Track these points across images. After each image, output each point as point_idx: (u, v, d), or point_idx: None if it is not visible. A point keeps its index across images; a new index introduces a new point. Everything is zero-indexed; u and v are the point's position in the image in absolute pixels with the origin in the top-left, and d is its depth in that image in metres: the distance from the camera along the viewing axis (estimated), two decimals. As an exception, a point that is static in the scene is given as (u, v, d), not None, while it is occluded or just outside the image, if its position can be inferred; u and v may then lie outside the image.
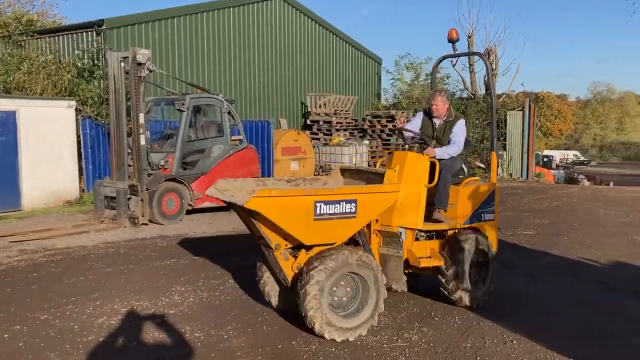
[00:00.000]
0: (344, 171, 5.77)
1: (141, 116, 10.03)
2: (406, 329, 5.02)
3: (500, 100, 25.23)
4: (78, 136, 13.13)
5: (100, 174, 13.06)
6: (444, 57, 6.59)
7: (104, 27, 14.85)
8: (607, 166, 63.87)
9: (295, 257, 4.66)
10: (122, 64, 10.14)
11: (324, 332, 4.46)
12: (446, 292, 5.45)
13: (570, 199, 15.40)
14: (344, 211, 4.45)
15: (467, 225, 5.63)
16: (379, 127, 20.29)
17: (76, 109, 13.08)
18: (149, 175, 10.24)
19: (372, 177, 5.22)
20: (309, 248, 4.62)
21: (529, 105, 21.92)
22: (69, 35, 15.92)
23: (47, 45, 15.81)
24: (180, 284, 6.38)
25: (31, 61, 13.90)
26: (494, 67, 24.67)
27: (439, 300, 5.78)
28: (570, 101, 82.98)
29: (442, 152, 5.67)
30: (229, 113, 11.70)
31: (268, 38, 20.06)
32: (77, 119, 13.06)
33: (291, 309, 5.00)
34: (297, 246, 4.65)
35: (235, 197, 4.37)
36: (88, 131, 13.22)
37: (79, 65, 14.45)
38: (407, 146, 5.78)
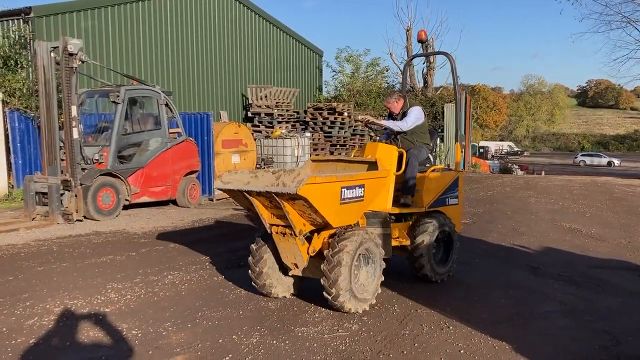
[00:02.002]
0: (314, 161, 6.28)
1: (73, 109, 9.66)
2: (347, 318, 5.07)
3: (437, 92, 25.84)
4: (5, 130, 12.51)
5: (30, 169, 12.51)
6: (414, 57, 7.36)
7: (31, 15, 14.14)
8: (539, 156, 66.75)
9: (308, 242, 5.12)
10: (52, 54, 9.72)
11: (350, 306, 5.00)
12: (413, 269, 6.07)
13: (504, 188, 15.99)
14: (357, 195, 4.99)
15: (432, 209, 6.19)
16: (321, 119, 20.36)
17: (2, 101, 12.45)
18: (83, 169, 9.88)
19: (353, 165, 5.86)
20: (320, 232, 5.12)
21: (465, 98, 22.56)
22: (-6, 23, 15.07)
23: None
24: (116, 281, 6.21)
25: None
26: (432, 61, 25.21)
27: (379, 288, 5.89)
28: (504, 94, 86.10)
29: (390, 123, 6.26)
30: (167, 105, 11.45)
31: (208, 29, 19.70)
32: (4, 112, 12.44)
33: (291, 294, 5.58)
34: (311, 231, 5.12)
35: (282, 187, 4.67)
36: (17, 124, 12.63)
37: (2, 54, 13.70)
38: (377, 137, 6.28)
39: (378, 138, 6.35)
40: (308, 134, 18.80)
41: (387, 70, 27.45)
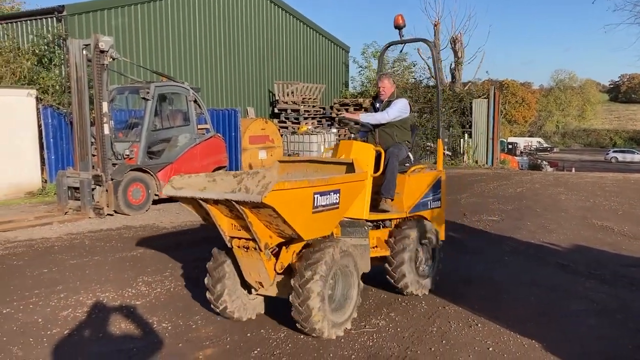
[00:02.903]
0: (281, 163, 5.53)
1: (104, 105, 9.83)
2: (374, 314, 5.08)
3: (465, 88, 25.56)
4: (39, 126, 12.81)
5: (63, 164, 12.79)
6: (390, 44, 6.51)
7: (64, 13, 14.44)
8: (569, 153, 65.49)
9: (275, 256, 4.48)
10: (84, 52, 9.90)
11: (324, 331, 4.33)
12: (392, 281, 5.41)
13: (534, 184, 15.74)
14: (331, 202, 4.34)
15: (413, 214, 5.60)
16: (347, 115, 20.34)
17: (37, 98, 12.75)
18: (114, 165, 10.06)
19: (326, 167, 5.13)
20: (289, 246, 4.48)
21: (494, 93, 22.26)
22: (28, 21, 15.43)
23: (4, 32, 15.30)
24: (147, 274, 6.32)
25: (-13, 48, 13.46)
26: (460, 56, 24.94)
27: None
28: (534, 89, 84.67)
29: (367, 117, 5.65)
30: (195, 101, 11.57)
31: (236, 26, 19.83)
32: (38, 108, 12.74)
33: (253, 314, 4.89)
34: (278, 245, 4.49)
35: (245, 194, 4.25)
36: (50, 120, 12.91)
37: (38, 52, 14.04)
38: (352, 135, 5.64)
39: (353, 136, 5.66)
40: (334, 130, 18.80)
41: (414, 66, 27.28)
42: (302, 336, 4.51)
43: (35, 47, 14.17)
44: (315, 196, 4.16)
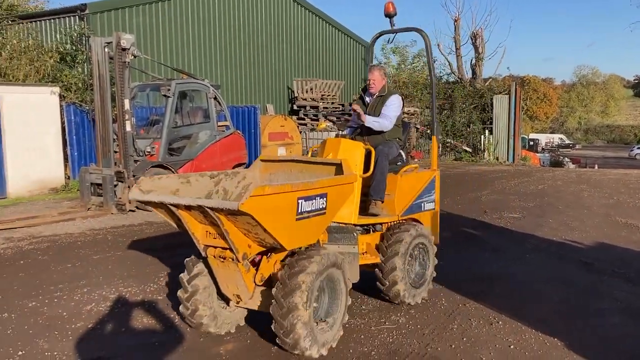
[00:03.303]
0: (263, 162, 5.05)
1: (126, 102, 9.94)
2: (393, 311, 5.07)
3: (486, 84, 25.33)
4: (62, 123, 13.00)
5: (85, 160, 12.97)
6: (381, 33, 6.17)
7: (86, 11, 14.63)
8: (592, 149, 64.54)
9: (255, 267, 4.08)
10: (106, 50, 10.02)
11: (307, 347, 3.89)
12: (383, 288, 5.02)
13: (556, 181, 15.56)
14: (317, 207, 3.91)
15: (405, 217, 5.28)
16: (366, 111, 20.30)
17: (60, 95, 12.94)
18: (135, 161, 10.18)
19: (312, 167, 4.71)
20: (270, 255, 4.09)
21: (515, 89, 22.03)
22: (51, 20, 15.67)
23: (27, 31, 15.55)
24: (168, 269, 6.38)
25: (13, 47, 13.68)
26: (480, 51, 24.70)
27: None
28: (556, 85, 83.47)
29: (372, 121, 5.23)
30: (215, 98, 11.64)
31: (254, 23, 19.89)
32: (61, 106, 12.93)
33: (232, 328, 4.51)
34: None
35: (221, 200, 3.78)
36: (73, 118, 13.09)
37: (62, 50, 14.25)
38: (340, 132, 5.35)
39: (340, 132, 5.31)
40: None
41: (434, 62, 27.12)
42: (322, 332, 4.52)
43: (58, 45, 14.38)
44: (300, 201, 3.75)
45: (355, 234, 4.77)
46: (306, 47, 22.41)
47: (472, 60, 26.65)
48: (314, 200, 3.87)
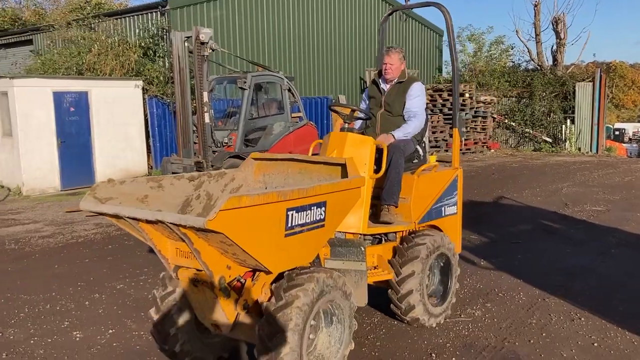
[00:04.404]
0: (256, 160, 4.22)
1: (205, 94, 10.27)
2: (469, 304, 5.00)
3: (568, 71, 24.17)
4: (145, 115, 13.62)
5: (167, 151, 13.54)
6: (394, 10, 5.61)
7: (167, 7, 15.19)
8: (686, 139, 60.14)
9: (236, 291, 3.25)
10: (186, 44, 10.37)
11: None
12: (398, 311, 4.34)
13: (644, 173, 14.68)
14: (314, 219, 3.22)
15: (423, 224, 4.57)
16: (440, 100, 19.92)
17: (143, 89, 13.55)
18: (214, 152, 10.52)
19: (312, 168, 3.93)
20: (256, 276, 3.32)
21: (600, 76, 20.88)
22: (135, 16, 16.39)
23: (114, 28, 16.36)
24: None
25: (101, 43, 14.46)
26: (562, 37, 23.58)
27: (503, 276, 5.75)
28: (645, 70, 78.27)
29: (402, 134, 4.51)
30: (289, 90, 11.80)
31: (328, 13, 19.94)
32: (144, 98, 13.54)
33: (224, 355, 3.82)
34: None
35: (176, 215, 2.90)
36: (155, 110, 13.69)
37: (144, 45, 14.90)
38: (346, 125, 4.47)
39: (346, 126, 4.45)
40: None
41: (512, 49, 26.14)
42: (395, 322, 4.53)
43: (141, 40, 15.05)
44: (290, 213, 3.04)
45: (362, 248, 3.91)
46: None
47: (552, 46, 25.49)
48: (309, 211, 3.18)
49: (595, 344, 4.16)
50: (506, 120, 22.21)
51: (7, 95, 11.63)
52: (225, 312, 3.20)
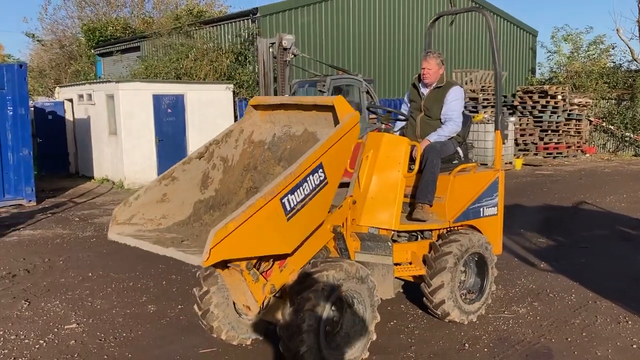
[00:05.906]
0: (255, 108, 4.27)
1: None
2: (517, 302, 5.12)
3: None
4: (236, 116, 14.52)
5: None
6: (441, 14, 5.78)
7: (258, 14, 16.06)
8: None
9: (264, 274, 3.45)
10: (270, 49, 11.02)
11: None
12: (430, 306, 4.51)
13: None
14: (313, 186, 3.32)
15: (459, 224, 4.68)
16: (531, 103, 19.36)
17: (233, 92, 14.46)
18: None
19: (308, 108, 3.89)
20: (280, 260, 3.50)
21: None
22: (229, 23, 17.44)
23: (209, 35, 17.51)
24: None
25: (197, 49, 15.58)
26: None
27: (559, 278, 5.79)
28: None
29: (437, 137, 4.70)
30: (367, 92, 12.13)
31: (411, 16, 20.05)
32: (234, 101, 14.44)
33: (244, 339, 4.15)
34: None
35: (180, 253, 3.05)
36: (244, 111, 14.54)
37: (235, 51, 15.85)
38: (383, 126, 4.75)
39: (383, 126, 4.73)
40: (513, 119, 18.05)
41: (613, 48, 24.78)
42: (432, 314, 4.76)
43: (233, 46, 16.03)
44: (285, 200, 3.13)
45: (389, 243, 4.13)
46: (468, 37, 21.96)
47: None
48: (305, 184, 3.25)
49: (635, 346, 4.18)
50: (604, 124, 21.14)
51: (113, 97, 12.91)
52: (254, 296, 3.38)
